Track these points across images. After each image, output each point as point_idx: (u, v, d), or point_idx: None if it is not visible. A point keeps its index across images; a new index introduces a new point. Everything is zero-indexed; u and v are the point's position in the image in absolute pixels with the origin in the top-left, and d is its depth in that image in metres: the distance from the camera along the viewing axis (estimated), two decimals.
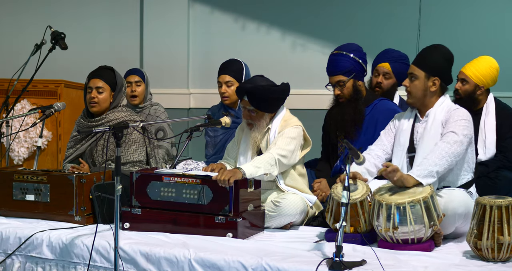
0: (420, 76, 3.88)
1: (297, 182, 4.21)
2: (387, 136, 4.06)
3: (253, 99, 4.13)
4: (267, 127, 4.22)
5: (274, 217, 4.04)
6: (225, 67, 4.96)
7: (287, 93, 4.25)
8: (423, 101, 3.92)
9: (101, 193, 4.04)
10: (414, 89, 3.90)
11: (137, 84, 5.30)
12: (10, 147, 5.34)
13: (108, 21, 6.83)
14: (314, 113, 5.11)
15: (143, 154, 4.48)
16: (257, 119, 4.20)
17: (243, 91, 4.15)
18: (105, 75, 4.49)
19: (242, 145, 4.30)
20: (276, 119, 4.23)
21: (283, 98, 4.24)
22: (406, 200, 3.53)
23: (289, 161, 4.12)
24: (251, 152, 4.23)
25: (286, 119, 4.22)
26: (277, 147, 4.06)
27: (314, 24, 6.36)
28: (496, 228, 3.36)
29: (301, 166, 4.30)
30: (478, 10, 5.99)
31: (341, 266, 3.18)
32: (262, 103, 4.15)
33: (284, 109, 4.28)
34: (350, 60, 4.39)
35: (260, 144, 4.23)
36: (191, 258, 3.47)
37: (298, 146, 4.17)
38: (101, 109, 4.47)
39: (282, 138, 4.11)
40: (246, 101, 4.16)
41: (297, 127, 4.18)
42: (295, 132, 4.15)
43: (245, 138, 4.29)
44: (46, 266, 3.81)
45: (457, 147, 3.70)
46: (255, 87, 4.12)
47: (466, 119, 3.79)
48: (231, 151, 4.41)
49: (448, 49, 3.96)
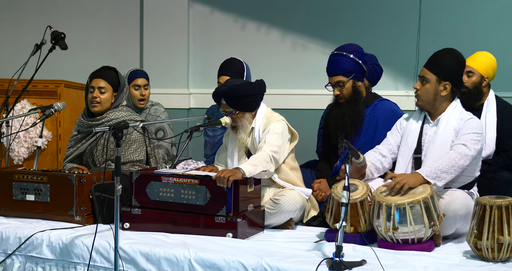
0: (431, 80, 3.87)
1: (290, 176, 4.24)
2: (394, 136, 4.07)
3: (230, 100, 4.16)
4: (251, 127, 4.24)
5: (273, 214, 4.05)
6: (225, 68, 4.93)
7: (263, 89, 4.28)
8: (433, 105, 3.91)
9: (101, 193, 4.05)
10: (425, 92, 3.89)
11: (145, 88, 5.24)
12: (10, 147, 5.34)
13: (108, 21, 6.82)
14: (314, 113, 5.10)
15: (143, 154, 4.49)
16: (239, 120, 4.22)
17: (219, 94, 4.20)
18: (108, 76, 4.49)
19: (229, 149, 4.34)
20: (258, 117, 4.26)
21: (260, 94, 4.27)
22: (406, 200, 3.53)
23: (282, 156, 4.15)
24: (238, 154, 4.26)
25: (268, 116, 4.25)
26: (267, 144, 4.08)
27: (314, 24, 6.36)
28: (496, 228, 3.37)
29: (292, 160, 4.32)
30: (478, 10, 5.98)
31: (341, 266, 3.18)
32: (239, 102, 4.17)
33: (265, 107, 4.31)
34: (350, 60, 4.39)
35: (247, 143, 4.25)
36: (191, 258, 3.47)
37: (286, 140, 4.21)
38: (102, 109, 4.48)
39: (270, 134, 4.13)
40: (224, 104, 4.20)
41: (281, 122, 4.20)
42: (280, 127, 4.17)
43: (231, 142, 4.32)
44: (46, 266, 3.81)
45: (466, 161, 3.72)
46: (230, 88, 4.16)
47: (478, 133, 3.80)
48: (220, 156, 4.44)
49: (460, 53, 3.95)
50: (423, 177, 3.65)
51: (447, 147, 3.82)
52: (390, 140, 4.07)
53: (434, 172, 3.66)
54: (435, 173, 3.66)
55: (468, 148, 3.73)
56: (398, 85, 6.17)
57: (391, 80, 6.07)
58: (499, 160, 4.64)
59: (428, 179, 3.64)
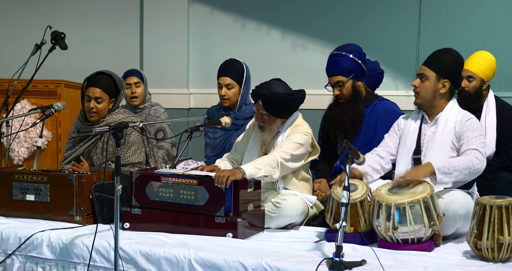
0: (430, 77, 3.89)
1: (297, 188, 4.22)
2: (391, 138, 4.07)
3: (267, 105, 4.14)
4: (277, 131, 4.23)
5: (274, 218, 4.04)
6: (225, 69, 4.91)
7: (302, 101, 4.26)
8: (432, 103, 3.92)
9: (101, 193, 4.04)
10: (424, 90, 3.90)
11: (136, 85, 5.32)
12: (10, 147, 5.34)
13: (108, 21, 6.82)
14: (314, 113, 5.10)
15: (142, 155, 4.48)
16: (269, 123, 4.21)
17: (258, 95, 4.16)
18: (103, 83, 4.44)
19: (249, 144, 4.31)
20: (287, 123, 4.24)
21: (297, 106, 4.26)
22: (405, 200, 3.53)
23: (293, 165, 4.11)
24: (257, 152, 4.24)
25: (297, 125, 4.23)
26: (281, 150, 4.06)
27: (314, 24, 6.36)
28: (496, 228, 3.36)
29: (306, 171, 4.29)
30: (478, 10, 5.99)
31: (341, 266, 3.18)
32: (276, 109, 4.16)
33: (297, 114, 4.29)
34: (350, 60, 4.39)
35: (268, 146, 4.24)
36: (191, 258, 3.47)
37: (304, 152, 4.17)
38: (100, 118, 4.47)
39: (289, 142, 4.11)
40: (260, 105, 4.16)
41: (306, 135, 4.17)
42: (303, 139, 4.14)
43: (254, 136, 4.30)
44: (46, 266, 3.81)
45: (483, 166, 3.73)
46: (271, 94, 4.12)
47: (482, 134, 3.84)
48: (239, 146, 4.42)
49: (459, 53, 3.97)
50: (434, 168, 3.64)
51: (447, 147, 3.82)
52: (388, 142, 4.07)
53: (447, 167, 3.65)
54: (447, 168, 3.65)
55: (481, 153, 3.74)
56: (398, 85, 6.18)
57: (391, 80, 6.08)
58: (499, 160, 4.63)
59: (438, 172, 3.63)
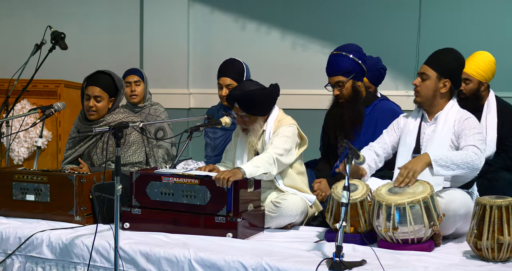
0: (432, 76, 3.89)
1: (296, 181, 4.21)
2: (389, 135, 4.07)
3: (244, 105, 4.14)
4: (261, 130, 4.24)
5: (274, 218, 4.05)
6: (225, 69, 4.89)
7: (277, 95, 4.26)
8: (432, 102, 3.93)
9: (101, 193, 4.04)
10: (425, 89, 3.91)
11: (136, 84, 5.34)
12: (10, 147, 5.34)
13: (108, 21, 6.83)
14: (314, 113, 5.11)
15: (142, 155, 4.48)
16: (250, 123, 4.21)
17: (233, 98, 4.17)
18: (103, 82, 4.43)
19: (238, 150, 4.32)
20: (269, 120, 4.24)
21: (273, 100, 4.26)
22: (405, 200, 3.53)
23: (287, 160, 4.13)
24: (247, 156, 4.24)
25: (280, 120, 4.23)
26: (273, 146, 4.07)
27: (314, 24, 6.36)
28: (496, 228, 3.36)
29: (300, 164, 4.30)
30: (478, 10, 5.99)
31: (341, 266, 3.18)
32: (253, 108, 4.16)
33: (277, 110, 4.29)
34: (350, 60, 4.39)
35: (257, 146, 4.24)
36: (191, 258, 3.47)
37: (294, 144, 4.19)
38: (100, 116, 4.46)
39: (278, 137, 4.12)
40: (237, 107, 4.18)
41: (291, 126, 4.18)
42: (290, 131, 4.16)
43: (240, 142, 4.31)
44: (46, 266, 3.81)
45: (481, 163, 3.72)
46: (244, 93, 4.13)
47: (481, 132, 3.84)
48: (229, 154, 4.43)
49: (461, 54, 3.98)
50: (430, 159, 3.62)
51: (446, 145, 3.82)
52: (386, 139, 4.07)
53: (444, 159, 3.64)
54: (444, 160, 3.63)
55: (480, 149, 3.73)
56: (398, 85, 6.19)
57: (391, 80, 6.08)
58: (499, 160, 4.63)
59: (434, 163, 3.61)
